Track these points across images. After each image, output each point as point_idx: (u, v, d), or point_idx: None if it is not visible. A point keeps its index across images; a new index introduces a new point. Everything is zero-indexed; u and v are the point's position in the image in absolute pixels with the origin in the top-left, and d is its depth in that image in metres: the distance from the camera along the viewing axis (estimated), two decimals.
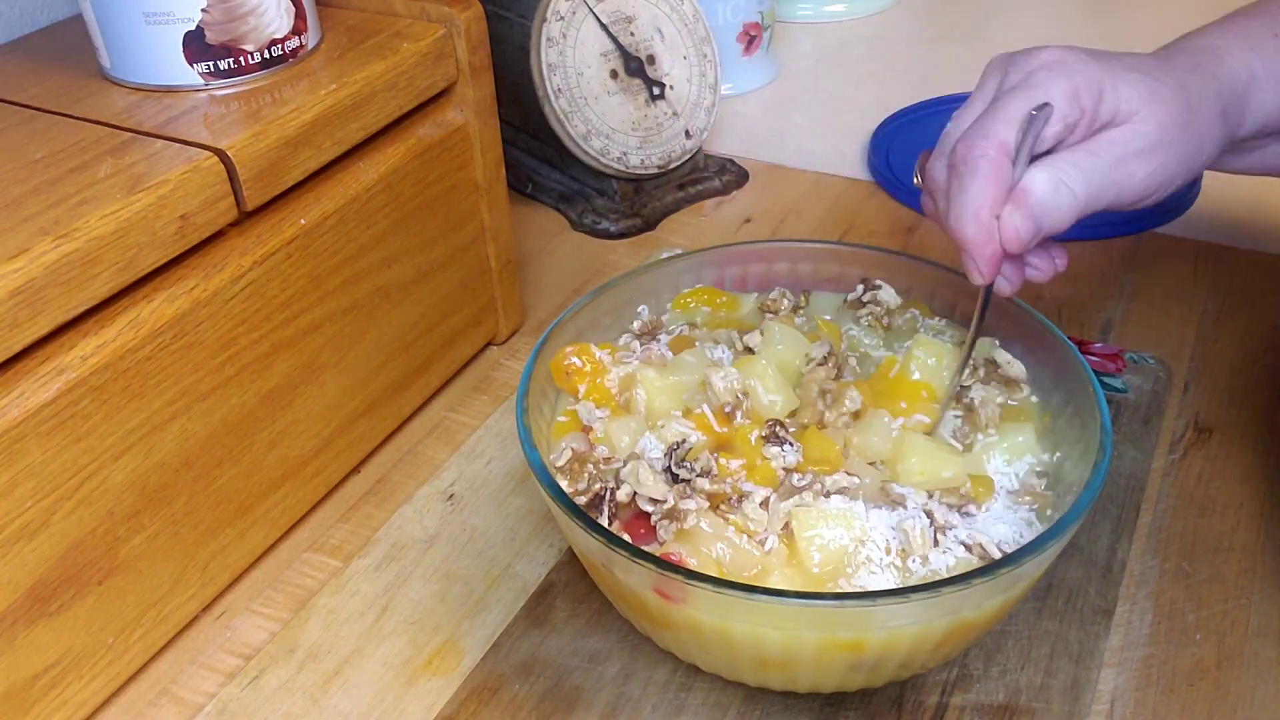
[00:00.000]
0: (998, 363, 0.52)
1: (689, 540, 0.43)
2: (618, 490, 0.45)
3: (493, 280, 0.67)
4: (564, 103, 0.77)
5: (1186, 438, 0.60)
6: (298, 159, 0.52)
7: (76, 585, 0.46)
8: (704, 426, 0.48)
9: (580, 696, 0.48)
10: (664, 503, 0.44)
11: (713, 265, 0.58)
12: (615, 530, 0.45)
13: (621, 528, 0.45)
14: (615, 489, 0.45)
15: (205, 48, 0.53)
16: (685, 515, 0.44)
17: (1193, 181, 0.80)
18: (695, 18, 0.81)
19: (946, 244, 0.48)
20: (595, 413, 0.50)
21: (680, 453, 0.46)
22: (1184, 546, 0.54)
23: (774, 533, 0.44)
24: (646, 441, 0.48)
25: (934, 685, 0.48)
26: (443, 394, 0.66)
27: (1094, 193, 0.46)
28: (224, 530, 0.53)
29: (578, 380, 0.51)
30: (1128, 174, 0.46)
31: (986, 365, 0.52)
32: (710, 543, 0.43)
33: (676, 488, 0.45)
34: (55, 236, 0.42)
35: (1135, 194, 0.47)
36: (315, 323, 0.55)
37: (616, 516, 0.45)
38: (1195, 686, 0.48)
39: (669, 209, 0.83)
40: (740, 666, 0.44)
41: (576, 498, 0.46)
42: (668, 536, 0.44)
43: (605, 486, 0.46)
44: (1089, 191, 0.46)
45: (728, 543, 0.43)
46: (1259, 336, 0.67)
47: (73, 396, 0.44)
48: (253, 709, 0.49)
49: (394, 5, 0.60)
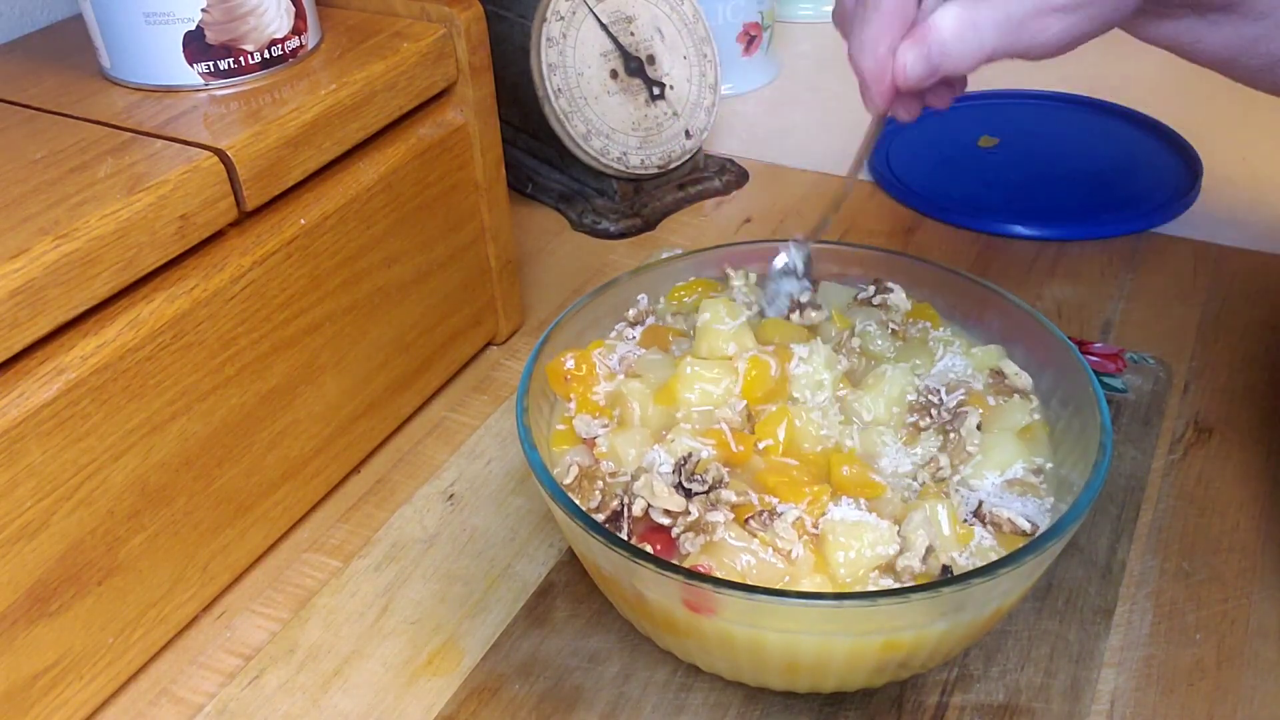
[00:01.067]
0: (1004, 373, 0.51)
1: (714, 553, 0.43)
2: (633, 505, 0.44)
3: (493, 280, 0.67)
4: (564, 103, 0.77)
5: (1186, 438, 0.60)
6: (298, 159, 0.52)
7: (76, 585, 0.46)
8: (722, 444, 0.47)
9: (580, 696, 0.48)
10: (685, 515, 0.44)
11: (713, 265, 0.58)
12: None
13: (642, 539, 0.44)
14: (630, 504, 0.44)
15: (205, 48, 0.53)
16: (714, 527, 0.43)
17: (1193, 181, 0.81)
18: (695, 18, 0.81)
19: (947, 244, 0.48)
20: (595, 425, 0.50)
21: (689, 467, 0.45)
22: (1184, 546, 0.54)
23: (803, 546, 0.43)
24: (655, 455, 0.47)
25: (934, 685, 0.48)
26: (443, 394, 0.66)
27: (1004, 41, 0.44)
28: (224, 530, 0.53)
29: (574, 387, 0.51)
30: (1043, 27, 0.44)
31: (993, 376, 0.51)
32: (735, 555, 0.43)
33: (700, 499, 0.44)
34: (55, 236, 0.42)
35: (1046, 49, 0.45)
36: (315, 323, 0.55)
37: (634, 532, 0.44)
38: (1195, 686, 0.48)
39: (669, 209, 0.83)
40: (742, 668, 0.44)
41: (589, 502, 0.45)
42: (693, 549, 0.43)
43: (623, 502, 0.45)
44: (999, 39, 0.44)
45: (753, 554, 0.43)
46: (1259, 336, 0.67)
47: (73, 396, 0.44)
48: (253, 709, 0.49)
49: (394, 5, 0.60)
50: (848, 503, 0.45)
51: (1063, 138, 0.89)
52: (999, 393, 0.51)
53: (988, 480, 0.47)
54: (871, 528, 0.43)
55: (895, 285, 0.56)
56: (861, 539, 0.43)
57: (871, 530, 0.43)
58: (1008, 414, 0.49)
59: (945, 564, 0.43)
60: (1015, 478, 0.47)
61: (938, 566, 0.43)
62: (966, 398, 0.49)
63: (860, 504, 0.45)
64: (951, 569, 0.42)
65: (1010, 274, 0.73)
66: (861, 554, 0.42)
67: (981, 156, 0.87)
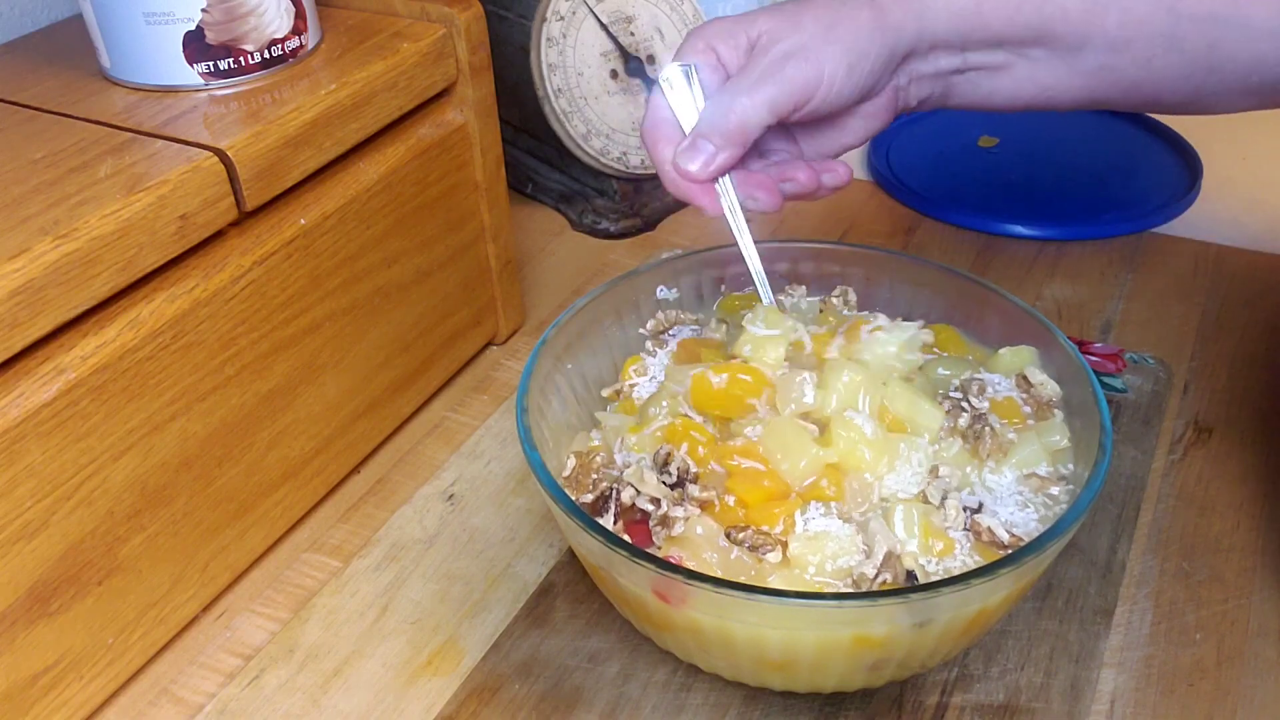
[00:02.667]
0: (1030, 381, 0.50)
1: (687, 545, 0.43)
2: (623, 492, 0.45)
3: (493, 280, 0.67)
4: (564, 103, 0.77)
5: (1186, 438, 0.60)
6: (298, 159, 0.52)
7: (76, 585, 0.46)
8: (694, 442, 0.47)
9: (580, 696, 0.48)
10: (659, 508, 0.44)
11: (713, 265, 0.58)
12: (617, 531, 0.45)
13: (625, 529, 0.45)
14: (620, 490, 0.45)
15: (205, 48, 0.53)
16: (674, 522, 0.44)
17: (1193, 181, 0.81)
18: (695, 18, 0.81)
19: (947, 244, 0.48)
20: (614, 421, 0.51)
21: (661, 457, 0.46)
22: (1184, 546, 0.54)
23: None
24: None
25: (934, 685, 0.48)
26: (443, 394, 0.66)
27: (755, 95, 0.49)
28: (224, 530, 0.53)
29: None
30: (785, 76, 0.49)
31: (1019, 381, 0.50)
32: (705, 549, 0.43)
33: (673, 493, 0.45)
34: (55, 236, 0.42)
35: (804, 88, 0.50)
36: (315, 323, 0.55)
37: (621, 517, 0.45)
38: (1195, 686, 0.48)
39: (669, 209, 0.83)
40: (741, 667, 0.44)
41: (583, 496, 0.46)
42: (659, 542, 0.44)
43: (611, 487, 0.45)
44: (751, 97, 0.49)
45: (720, 552, 0.43)
46: (1259, 336, 0.67)
47: (73, 396, 0.44)
48: (253, 709, 0.48)
49: (394, 5, 0.60)
50: (816, 508, 0.44)
51: (1063, 138, 0.89)
52: (1028, 404, 0.50)
53: (1007, 476, 0.47)
54: (834, 538, 0.43)
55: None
56: (823, 551, 0.43)
57: (834, 541, 0.43)
58: (1042, 434, 0.48)
59: (910, 569, 0.43)
60: (1035, 473, 0.47)
61: (902, 572, 0.42)
62: (989, 406, 0.49)
63: (831, 509, 0.44)
64: (916, 575, 0.42)
65: (1010, 274, 0.73)
66: (823, 567, 0.43)
67: (981, 156, 0.87)
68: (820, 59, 0.50)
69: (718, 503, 0.45)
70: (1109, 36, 0.51)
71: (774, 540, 0.43)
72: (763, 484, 0.45)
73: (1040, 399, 0.50)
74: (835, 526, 0.44)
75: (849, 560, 0.43)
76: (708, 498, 0.45)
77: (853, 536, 0.43)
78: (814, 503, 0.45)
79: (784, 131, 0.55)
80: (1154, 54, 0.51)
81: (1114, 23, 0.51)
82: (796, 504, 0.44)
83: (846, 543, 0.43)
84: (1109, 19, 0.51)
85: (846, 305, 0.56)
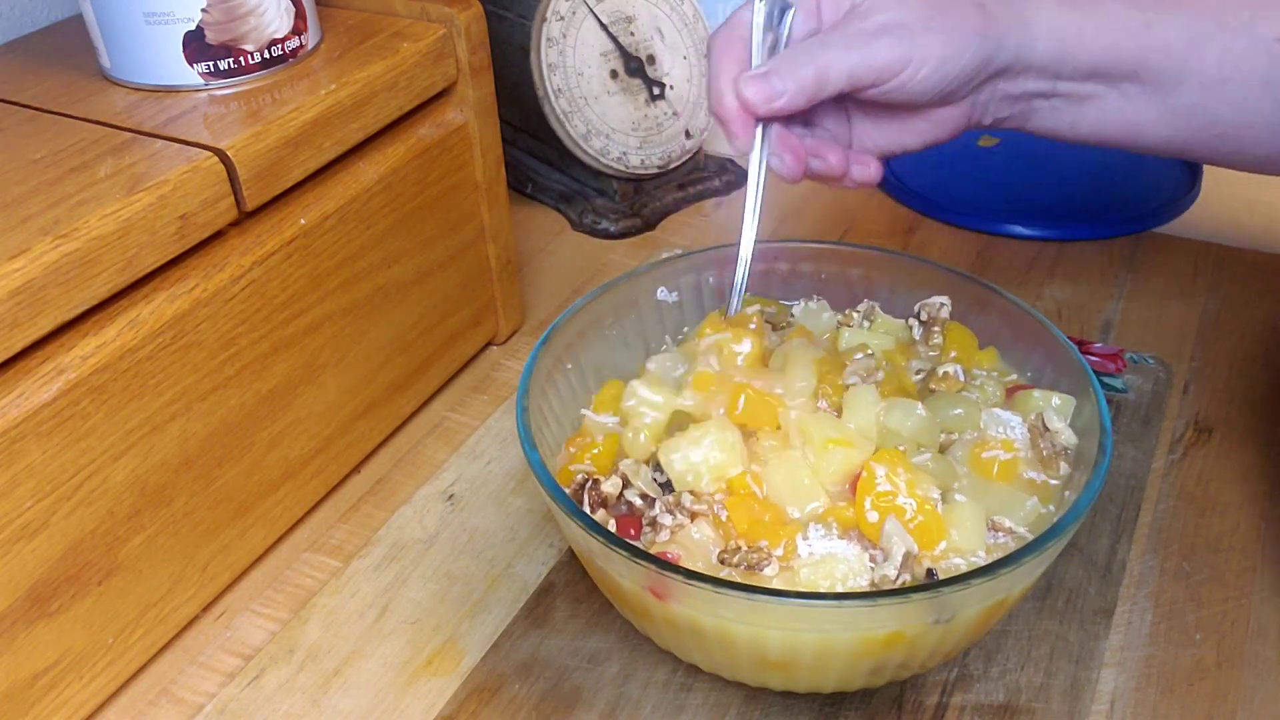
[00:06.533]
0: (1047, 426, 0.48)
1: (683, 542, 0.44)
2: (603, 482, 0.45)
3: (493, 280, 0.67)
4: (564, 103, 0.77)
5: (1186, 438, 0.60)
6: (298, 159, 0.52)
7: (76, 585, 0.46)
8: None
9: (580, 696, 0.48)
10: (651, 510, 0.45)
11: (713, 266, 0.58)
12: (600, 519, 0.45)
13: (618, 528, 0.45)
14: (600, 479, 0.46)
15: (205, 48, 0.53)
16: (660, 529, 0.44)
17: (1193, 181, 0.81)
18: (695, 18, 0.81)
19: (947, 244, 0.48)
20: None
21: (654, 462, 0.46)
22: (1184, 546, 0.54)
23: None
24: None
25: (934, 685, 0.48)
26: (443, 394, 0.66)
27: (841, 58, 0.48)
28: (224, 530, 0.53)
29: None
30: (874, 49, 0.48)
31: (1034, 423, 0.48)
32: (698, 558, 0.43)
33: (666, 499, 0.45)
34: (55, 236, 0.42)
35: (889, 67, 0.48)
36: (315, 323, 0.55)
37: (602, 505, 0.45)
38: (1195, 686, 0.48)
39: (669, 209, 0.83)
40: (739, 666, 0.44)
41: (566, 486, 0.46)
42: (645, 544, 0.44)
43: (587, 475, 0.46)
44: (835, 57, 0.48)
45: (713, 569, 0.43)
46: (1259, 336, 0.67)
47: (73, 396, 0.44)
48: (253, 709, 0.48)
49: (394, 5, 0.60)
50: (816, 530, 0.44)
51: None
52: (1038, 448, 0.48)
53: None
54: (842, 560, 0.43)
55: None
56: (833, 575, 0.42)
57: (843, 563, 0.43)
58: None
59: (930, 568, 0.43)
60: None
61: (922, 572, 0.43)
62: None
63: (832, 529, 0.44)
64: (936, 572, 0.43)
65: (1010, 274, 0.73)
66: (834, 590, 0.42)
67: (981, 156, 0.87)
68: (914, 43, 0.48)
69: (711, 517, 0.45)
70: (1206, 75, 0.50)
71: (769, 555, 0.43)
72: (763, 518, 0.45)
73: (1054, 446, 0.47)
74: (841, 547, 0.43)
75: (861, 580, 0.42)
76: (701, 510, 0.45)
77: (860, 555, 0.43)
78: (814, 524, 0.45)
79: (842, 112, 0.54)
80: (1248, 95, 0.50)
81: (1213, 60, 0.50)
82: (797, 527, 0.44)
83: (855, 563, 0.43)
84: (1208, 55, 0.50)
85: (868, 319, 0.55)
